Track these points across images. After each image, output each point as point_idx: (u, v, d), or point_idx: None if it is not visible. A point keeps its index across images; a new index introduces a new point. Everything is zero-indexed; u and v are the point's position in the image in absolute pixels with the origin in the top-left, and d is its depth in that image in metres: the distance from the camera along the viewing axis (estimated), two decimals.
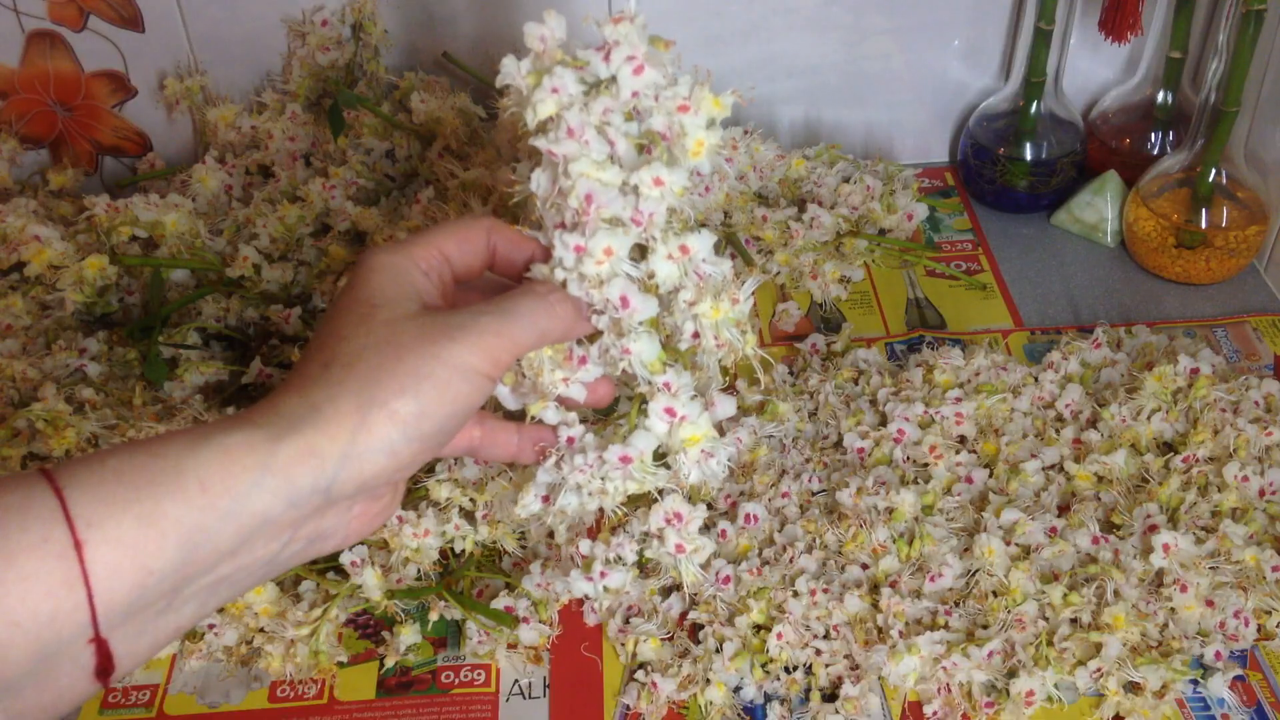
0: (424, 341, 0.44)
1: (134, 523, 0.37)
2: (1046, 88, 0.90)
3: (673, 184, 0.45)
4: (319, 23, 0.90)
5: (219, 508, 0.39)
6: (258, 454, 0.40)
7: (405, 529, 0.64)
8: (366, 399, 0.42)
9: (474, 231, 0.49)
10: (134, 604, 0.37)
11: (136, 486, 0.37)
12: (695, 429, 0.50)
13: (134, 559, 0.37)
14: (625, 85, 0.44)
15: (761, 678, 0.62)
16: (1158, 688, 0.60)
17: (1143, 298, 0.87)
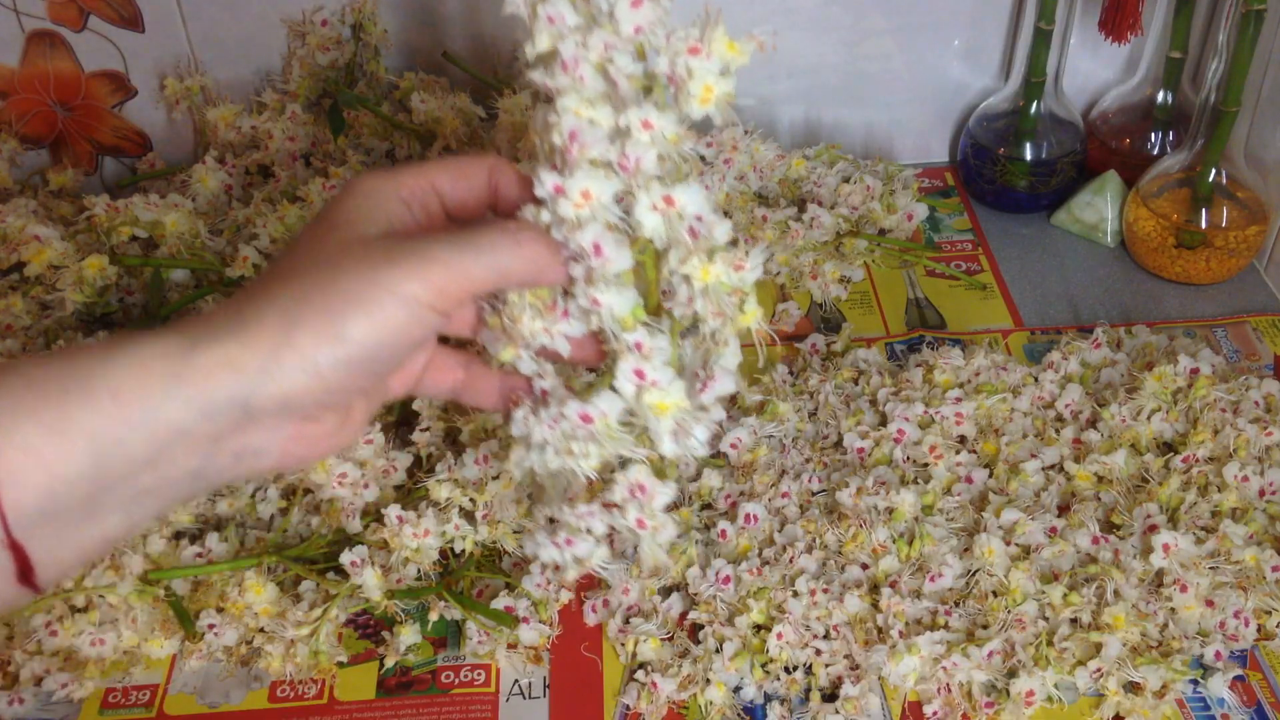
0: (364, 264, 0.41)
1: (41, 430, 0.37)
2: (1046, 88, 0.90)
3: (664, 129, 0.42)
4: (319, 23, 0.90)
5: (130, 417, 0.38)
6: (172, 363, 0.39)
7: (405, 529, 0.64)
8: (293, 315, 0.40)
9: (473, 167, 0.47)
10: (45, 510, 0.37)
11: (46, 394, 0.37)
12: (663, 396, 0.45)
13: (41, 466, 0.37)
14: (624, 19, 0.41)
15: (761, 678, 0.62)
16: (1158, 688, 0.60)
17: (1143, 298, 0.87)
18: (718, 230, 0.44)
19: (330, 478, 0.65)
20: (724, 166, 0.87)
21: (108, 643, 0.63)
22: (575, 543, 0.48)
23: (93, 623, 0.63)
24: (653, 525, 0.47)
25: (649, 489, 0.46)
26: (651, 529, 0.47)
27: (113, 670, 0.64)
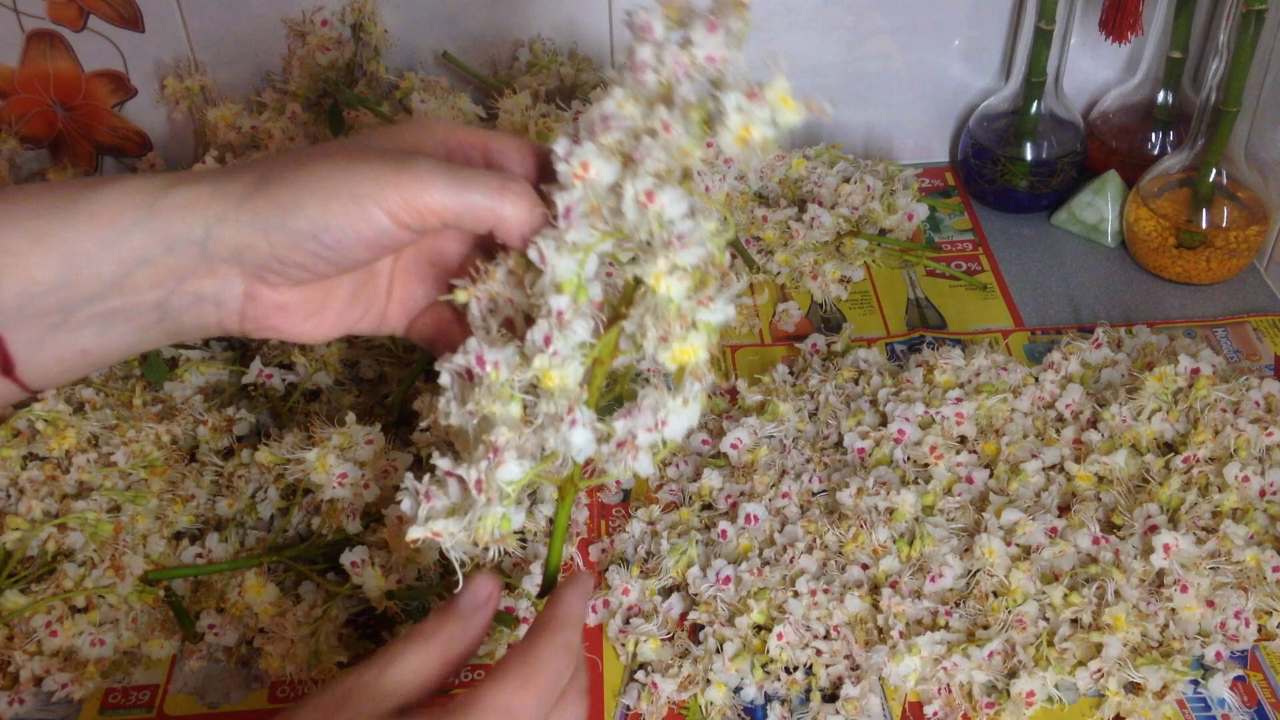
0: (347, 156, 0.44)
1: (23, 237, 0.42)
2: (1046, 88, 0.90)
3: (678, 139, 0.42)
4: (319, 23, 0.90)
5: (99, 237, 0.42)
6: (147, 196, 0.43)
7: (405, 529, 0.64)
8: (265, 180, 0.43)
9: (530, 147, 0.49)
10: (23, 308, 0.43)
11: (37, 210, 0.42)
12: (557, 371, 0.43)
13: (20, 267, 0.42)
14: (700, 44, 0.42)
15: (762, 678, 0.62)
16: (1158, 688, 0.60)
17: (1143, 298, 0.87)
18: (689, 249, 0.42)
19: (330, 478, 0.65)
20: (724, 166, 0.87)
21: (108, 643, 0.63)
22: (433, 498, 0.45)
23: (93, 623, 0.63)
24: (488, 495, 0.44)
25: (502, 454, 0.43)
26: (486, 498, 0.43)
27: (113, 670, 0.64)
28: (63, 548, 0.64)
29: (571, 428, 0.43)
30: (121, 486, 0.67)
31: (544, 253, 0.43)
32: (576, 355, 0.43)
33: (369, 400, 0.75)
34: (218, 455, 0.72)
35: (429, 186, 0.43)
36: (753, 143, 0.41)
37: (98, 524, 0.64)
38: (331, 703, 0.41)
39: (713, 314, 0.42)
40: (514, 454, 0.43)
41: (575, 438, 0.43)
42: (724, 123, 0.41)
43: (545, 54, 0.93)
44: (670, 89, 0.43)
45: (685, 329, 0.42)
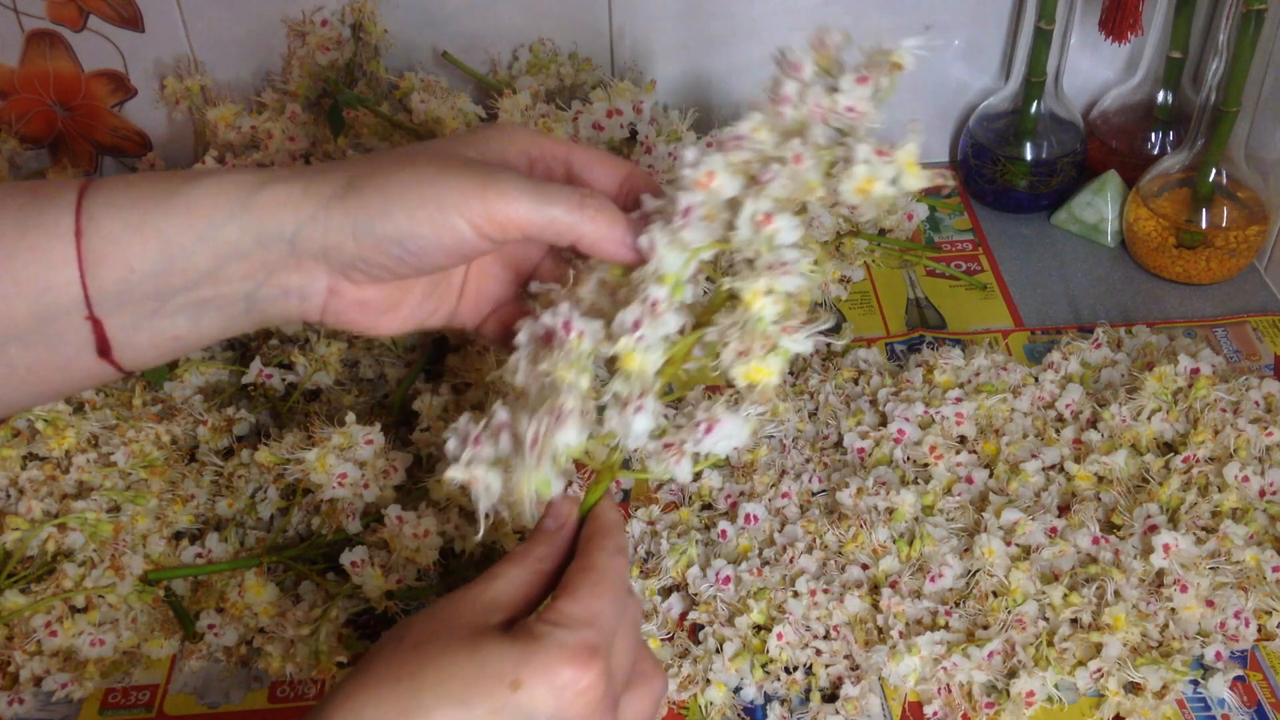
0: (435, 164, 0.45)
1: (124, 227, 0.44)
2: (1046, 88, 0.90)
3: (806, 171, 0.43)
4: (319, 23, 0.90)
5: (196, 229, 0.44)
6: (242, 192, 0.45)
7: (405, 529, 0.64)
8: (352, 180, 0.45)
9: (614, 163, 0.50)
10: (122, 294, 0.44)
11: (137, 200, 0.44)
12: (640, 356, 0.44)
13: (120, 255, 0.44)
14: (845, 91, 0.44)
15: (761, 678, 0.62)
16: (1158, 688, 0.60)
17: (1143, 298, 0.87)
18: (790, 277, 0.44)
19: (330, 478, 0.65)
20: None
21: (108, 643, 0.63)
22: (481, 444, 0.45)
23: (93, 623, 0.63)
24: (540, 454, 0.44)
25: (565, 419, 0.44)
26: (537, 457, 0.44)
27: (113, 670, 0.64)
28: (62, 548, 0.64)
29: (637, 413, 0.44)
30: (121, 486, 0.67)
31: (655, 243, 0.45)
32: (660, 346, 0.45)
33: (369, 400, 0.75)
34: (218, 455, 0.72)
35: (512, 200, 0.45)
36: (872, 196, 0.43)
37: (97, 524, 0.64)
38: (442, 616, 0.43)
39: (794, 343, 0.44)
40: (576, 421, 0.44)
41: (637, 423, 0.44)
42: (850, 171, 0.43)
43: (545, 54, 0.93)
44: (804, 127, 0.44)
45: (765, 350, 0.44)
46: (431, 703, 0.40)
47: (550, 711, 0.41)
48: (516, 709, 0.40)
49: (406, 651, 0.42)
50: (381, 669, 0.41)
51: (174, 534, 0.68)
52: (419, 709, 0.40)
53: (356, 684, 0.41)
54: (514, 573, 0.45)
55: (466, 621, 0.43)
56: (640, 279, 0.45)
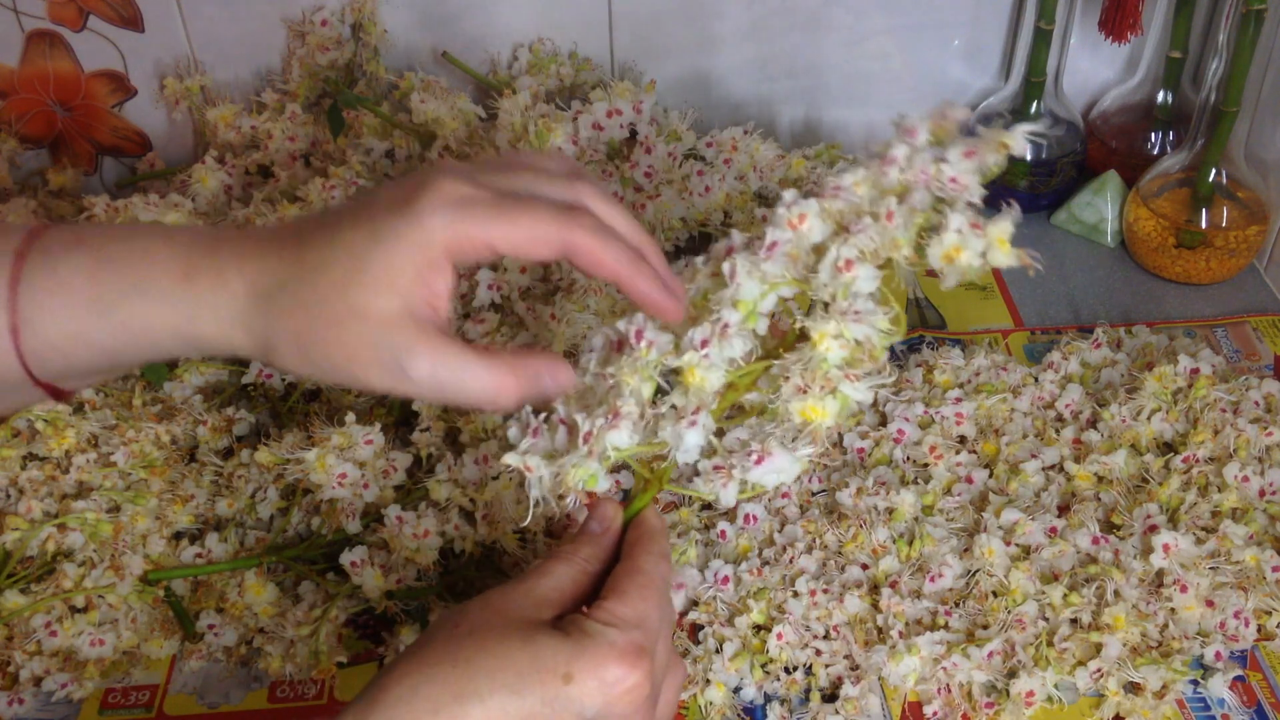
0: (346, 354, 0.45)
1: (60, 335, 0.45)
2: (1046, 88, 0.90)
3: (896, 229, 0.45)
4: (319, 23, 0.90)
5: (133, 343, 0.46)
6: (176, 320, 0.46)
7: (405, 529, 0.64)
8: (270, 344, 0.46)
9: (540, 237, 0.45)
10: (64, 373, 0.47)
11: (71, 309, 0.45)
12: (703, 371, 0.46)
13: (58, 354, 0.46)
14: (952, 162, 0.45)
15: (761, 678, 0.62)
16: (1158, 688, 0.60)
17: (1143, 298, 0.87)
18: (860, 324, 0.45)
19: (330, 478, 0.65)
20: (724, 166, 0.87)
21: (108, 643, 0.63)
22: (539, 435, 0.48)
23: (93, 623, 0.63)
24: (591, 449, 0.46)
25: (620, 421, 0.45)
26: (589, 450, 0.46)
27: (112, 670, 0.64)
28: (62, 548, 0.64)
29: (690, 427, 0.45)
30: (121, 486, 0.67)
31: (737, 271, 0.46)
32: (722, 366, 0.46)
33: (369, 400, 0.75)
34: (217, 455, 0.72)
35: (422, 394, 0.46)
36: (958, 263, 0.45)
37: (97, 524, 0.64)
38: (495, 606, 0.45)
39: (853, 390, 0.45)
40: (630, 425, 0.45)
41: (689, 437, 0.45)
42: (941, 237, 0.44)
43: (545, 54, 0.93)
44: (906, 190, 0.46)
45: (824, 391, 0.45)
46: (485, 688, 0.42)
47: (597, 706, 0.43)
48: (567, 701, 0.42)
49: (461, 637, 0.43)
50: (437, 652, 0.43)
51: (174, 534, 0.68)
52: (473, 693, 0.41)
53: (412, 663, 0.43)
54: (562, 570, 0.47)
55: (519, 614, 0.44)
56: (718, 302, 0.46)
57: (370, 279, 0.44)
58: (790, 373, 0.45)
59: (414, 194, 0.44)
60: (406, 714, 0.41)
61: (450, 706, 0.41)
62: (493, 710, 0.42)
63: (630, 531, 0.49)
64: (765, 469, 0.46)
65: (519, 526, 0.68)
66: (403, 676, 0.42)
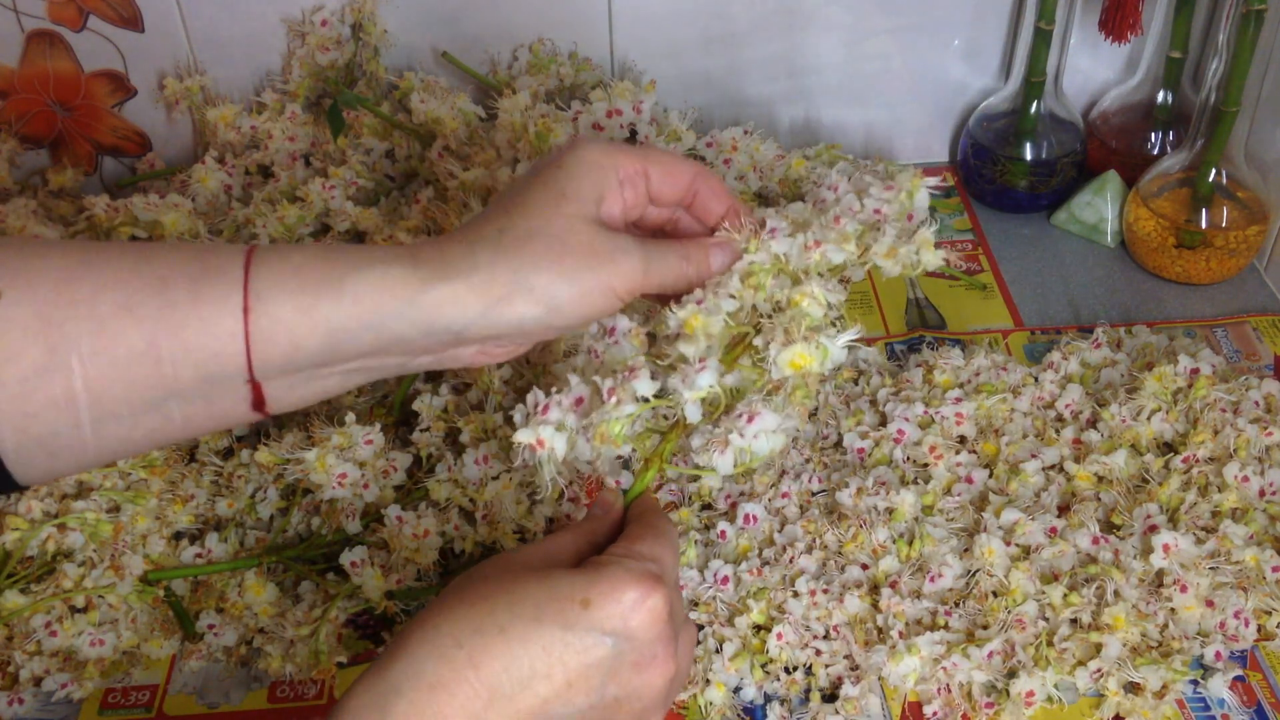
0: (588, 253, 0.50)
1: (293, 310, 0.47)
2: (1046, 88, 0.90)
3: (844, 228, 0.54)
4: (319, 23, 0.90)
5: (363, 320, 0.47)
6: (409, 289, 0.47)
7: (405, 529, 0.64)
8: (520, 278, 0.48)
9: (682, 167, 0.54)
10: (284, 366, 0.48)
11: (303, 284, 0.47)
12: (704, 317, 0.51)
13: (287, 335, 0.47)
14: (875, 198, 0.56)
15: (761, 678, 0.62)
16: (1158, 688, 0.60)
17: (1143, 298, 0.87)
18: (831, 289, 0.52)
19: (330, 478, 0.65)
20: (723, 166, 0.87)
21: (108, 643, 0.63)
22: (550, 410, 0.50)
23: (93, 623, 0.63)
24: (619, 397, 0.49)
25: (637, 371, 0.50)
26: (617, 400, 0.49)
27: (112, 670, 0.64)
28: (62, 548, 0.64)
29: (700, 371, 0.49)
30: (121, 486, 0.67)
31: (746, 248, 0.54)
32: (719, 313, 0.51)
33: (369, 400, 0.75)
34: (217, 455, 0.72)
35: (650, 277, 0.52)
36: (898, 258, 0.53)
37: (97, 524, 0.64)
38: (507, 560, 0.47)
39: (832, 342, 0.50)
40: (647, 374, 0.50)
41: (701, 378, 0.49)
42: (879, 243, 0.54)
43: (545, 54, 0.93)
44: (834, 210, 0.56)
45: (809, 343, 0.50)
46: (506, 620, 0.43)
47: (618, 629, 0.44)
48: (587, 624, 0.44)
49: (477, 584, 0.45)
50: (454, 598, 0.45)
51: (174, 534, 0.68)
52: (493, 625, 0.43)
53: (430, 611, 0.45)
54: (567, 538, 0.50)
55: (532, 564, 0.47)
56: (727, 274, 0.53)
57: (570, 198, 0.50)
58: (775, 334, 0.50)
59: (572, 145, 0.52)
60: (431, 651, 0.43)
61: (471, 639, 0.43)
62: (514, 640, 0.43)
63: (635, 505, 0.52)
64: (756, 428, 0.49)
65: (519, 525, 0.68)
66: (422, 623, 0.44)
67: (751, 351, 0.52)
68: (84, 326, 0.45)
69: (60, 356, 0.44)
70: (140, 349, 0.45)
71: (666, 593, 0.46)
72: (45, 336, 0.44)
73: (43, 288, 0.45)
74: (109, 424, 0.46)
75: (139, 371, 0.46)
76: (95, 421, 0.46)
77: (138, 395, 0.46)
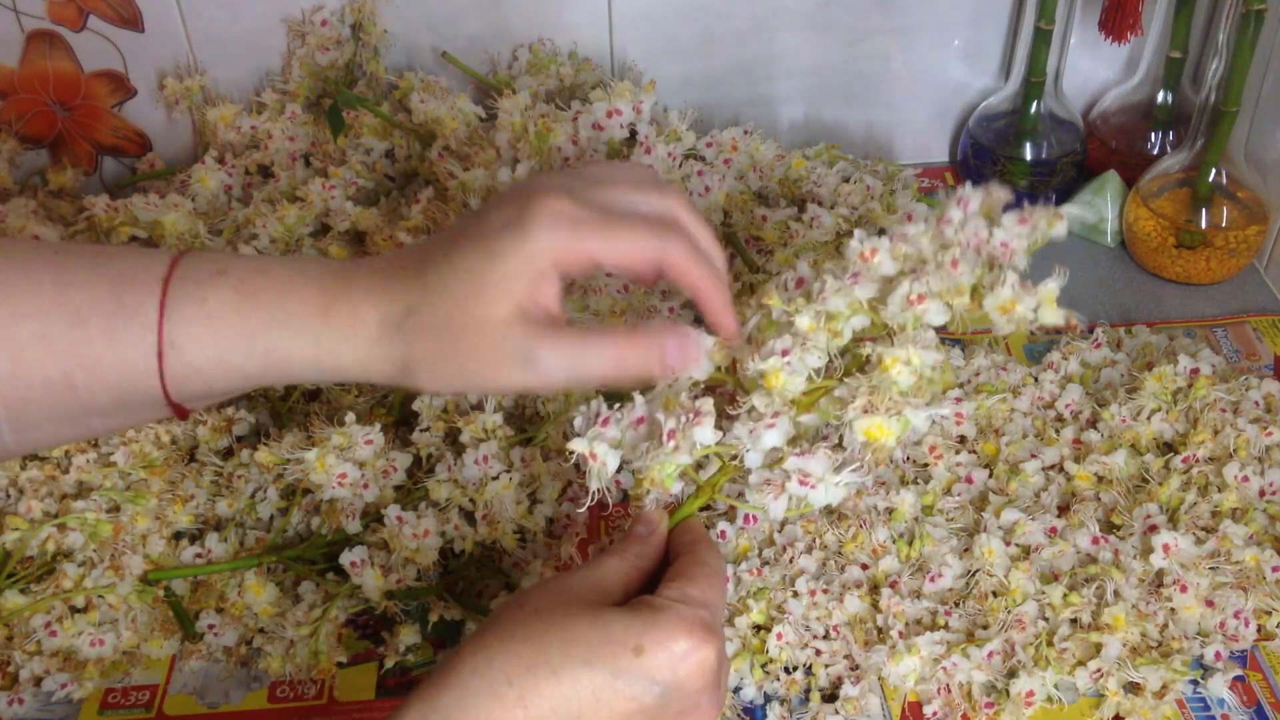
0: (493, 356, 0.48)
1: (204, 360, 0.47)
2: (1046, 88, 0.90)
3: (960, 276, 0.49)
4: (319, 23, 0.90)
5: (272, 370, 0.48)
6: (318, 350, 0.48)
7: (405, 529, 0.64)
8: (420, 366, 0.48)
9: (641, 249, 0.49)
10: (198, 395, 0.49)
11: (216, 336, 0.47)
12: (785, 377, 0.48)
13: (200, 377, 0.48)
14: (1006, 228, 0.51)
15: (761, 678, 0.62)
16: (1158, 688, 0.60)
17: (1143, 298, 0.87)
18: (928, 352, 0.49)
19: (330, 478, 0.65)
20: (723, 166, 0.87)
21: (108, 643, 0.63)
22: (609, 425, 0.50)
23: (93, 623, 0.63)
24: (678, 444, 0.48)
25: (703, 417, 0.48)
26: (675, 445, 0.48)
27: (112, 670, 0.64)
28: (62, 548, 0.64)
29: (768, 429, 0.48)
30: (121, 486, 0.67)
31: (826, 290, 0.49)
32: (803, 372, 0.48)
33: (369, 400, 0.75)
34: (217, 455, 0.72)
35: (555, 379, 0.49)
36: (1013, 315, 0.49)
37: (97, 524, 0.64)
38: (556, 589, 0.46)
39: (915, 414, 0.48)
40: (711, 421, 0.48)
41: (767, 437, 0.48)
42: (998, 291, 0.49)
43: (545, 54, 0.93)
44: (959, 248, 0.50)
45: (890, 413, 0.47)
46: (558, 660, 0.43)
47: (667, 679, 0.44)
48: (637, 672, 0.44)
49: (529, 617, 0.45)
50: (506, 630, 0.44)
51: (174, 534, 0.68)
52: (545, 665, 0.43)
53: (482, 640, 0.44)
54: (615, 564, 0.49)
55: (582, 597, 0.46)
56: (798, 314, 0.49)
57: (488, 293, 0.47)
58: (859, 393, 0.47)
59: (522, 212, 0.47)
60: (482, 686, 0.43)
61: (523, 678, 0.43)
62: (565, 682, 0.43)
63: (682, 534, 0.51)
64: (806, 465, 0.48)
65: (519, 525, 0.68)
66: (475, 652, 0.44)
67: (831, 400, 0.49)
68: (2, 353, 0.46)
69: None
70: (56, 377, 0.47)
71: (717, 644, 0.45)
72: None
73: None
74: (30, 432, 0.48)
75: (57, 395, 0.47)
76: (16, 431, 0.48)
77: (57, 413, 0.48)
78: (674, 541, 0.51)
